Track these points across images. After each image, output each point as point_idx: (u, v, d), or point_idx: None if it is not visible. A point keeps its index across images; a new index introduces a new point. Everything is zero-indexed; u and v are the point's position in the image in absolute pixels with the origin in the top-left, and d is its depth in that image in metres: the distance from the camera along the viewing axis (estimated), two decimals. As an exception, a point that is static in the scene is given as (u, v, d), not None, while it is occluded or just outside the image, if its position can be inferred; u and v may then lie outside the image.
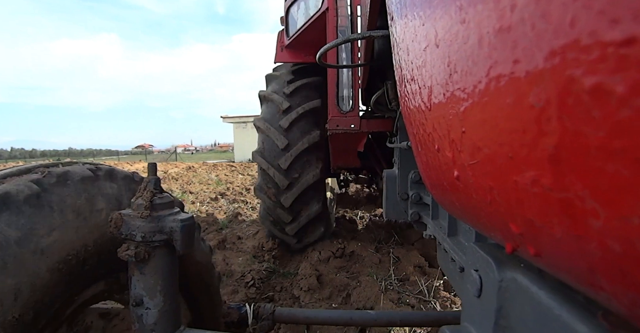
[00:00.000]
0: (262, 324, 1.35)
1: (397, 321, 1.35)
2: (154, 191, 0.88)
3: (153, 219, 0.84)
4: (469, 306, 0.54)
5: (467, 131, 0.37)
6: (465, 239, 1.04)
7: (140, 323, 0.87)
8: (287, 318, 1.39)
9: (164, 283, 0.88)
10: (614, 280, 0.23)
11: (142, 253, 0.83)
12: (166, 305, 0.88)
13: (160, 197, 0.88)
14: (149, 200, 0.85)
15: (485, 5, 0.30)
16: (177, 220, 0.85)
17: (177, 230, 0.84)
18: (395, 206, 1.80)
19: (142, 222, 0.83)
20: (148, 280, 0.86)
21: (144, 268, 0.86)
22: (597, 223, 0.23)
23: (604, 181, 0.21)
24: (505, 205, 0.33)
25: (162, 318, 0.88)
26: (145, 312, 0.87)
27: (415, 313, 1.40)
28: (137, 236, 0.83)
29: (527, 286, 0.41)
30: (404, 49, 0.58)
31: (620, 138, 0.20)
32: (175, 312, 0.92)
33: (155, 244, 0.85)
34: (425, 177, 0.63)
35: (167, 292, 0.89)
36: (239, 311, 1.36)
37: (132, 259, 0.83)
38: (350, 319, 1.36)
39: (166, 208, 0.88)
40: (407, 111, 0.62)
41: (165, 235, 0.85)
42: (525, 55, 0.26)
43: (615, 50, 0.19)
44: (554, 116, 0.24)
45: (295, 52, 3.38)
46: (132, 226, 0.83)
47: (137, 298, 0.86)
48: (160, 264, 0.87)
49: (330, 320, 1.38)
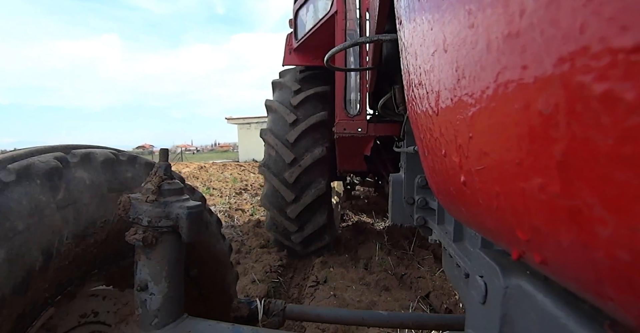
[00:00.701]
0: (272, 320, 1.34)
1: (410, 323, 1.34)
2: (163, 177, 0.87)
3: (160, 204, 0.84)
4: (474, 313, 0.53)
5: (474, 136, 0.37)
6: (471, 245, 1.03)
7: (143, 308, 0.87)
8: (297, 315, 1.38)
9: (169, 269, 0.87)
10: (622, 290, 0.23)
11: (149, 238, 0.83)
12: (171, 291, 0.88)
13: (169, 183, 0.87)
14: (157, 185, 0.85)
15: (494, 10, 0.30)
16: (184, 207, 0.84)
17: (182, 217, 0.83)
18: (401, 210, 1.79)
19: (148, 206, 0.83)
20: (154, 265, 0.86)
21: (151, 253, 0.85)
22: (605, 232, 0.22)
23: (612, 189, 0.21)
24: (512, 212, 0.33)
25: (165, 304, 0.87)
26: (150, 297, 0.86)
27: (428, 316, 1.39)
28: (143, 220, 0.82)
29: (533, 294, 0.40)
30: (412, 54, 0.58)
31: (629, 145, 0.19)
32: (179, 299, 0.91)
33: (163, 230, 0.84)
34: (431, 181, 0.63)
35: (172, 278, 0.88)
36: (249, 306, 1.35)
37: (140, 243, 0.83)
38: (362, 319, 1.35)
39: (174, 194, 0.87)
40: (414, 115, 0.62)
41: (171, 221, 0.84)
42: (534, 60, 0.26)
43: (625, 56, 0.19)
44: (562, 122, 0.24)
45: (304, 55, 3.39)
46: (139, 210, 0.83)
47: (142, 283, 0.86)
48: (167, 250, 0.87)
49: (341, 319, 1.36)
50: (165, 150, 0.92)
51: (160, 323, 0.87)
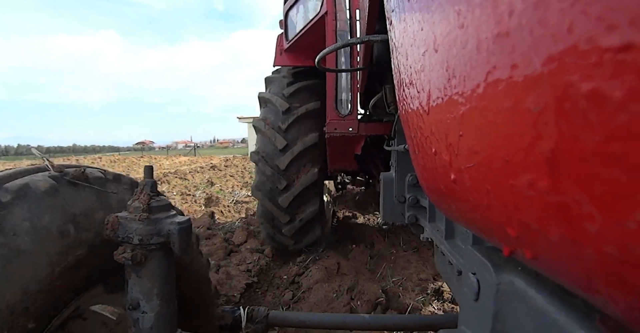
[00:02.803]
0: (255, 327, 1.35)
1: (391, 325, 1.35)
2: (150, 194, 0.87)
3: (150, 222, 0.83)
4: (467, 309, 0.54)
5: (464, 135, 0.37)
6: (463, 242, 1.04)
7: (136, 327, 0.86)
8: (280, 322, 1.39)
9: (160, 286, 0.87)
10: (611, 284, 0.23)
11: (138, 256, 0.83)
12: (163, 308, 0.88)
13: (157, 200, 0.87)
14: (146, 202, 0.84)
15: (484, 11, 0.30)
16: (175, 223, 0.84)
17: (174, 232, 0.83)
18: (392, 209, 1.80)
19: (139, 224, 0.82)
20: (145, 283, 0.85)
21: (141, 271, 0.85)
22: (593, 227, 0.23)
23: (600, 185, 0.21)
24: (502, 209, 0.33)
25: (158, 322, 0.87)
26: (142, 315, 0.86)
27: (410, 317, 1.41)
28: (134, 239, 0.82)
29: (525, 289, 0.41)
30: (402, 54, 0.58)
31: (616, 143, 0.20)
32: (171, 315, 0.91)
33: (152, 247, 0.84)
34: (422, 180, 0.63)
35: (163, 295, 0.88)
36: (232, 314, 1.36)
37: (129, 262, 0.82)
38: (344, 323, 1.36)
39: (163, 211, 0.87)
40: (405, 114, 0.63)
41: (162, 237, 0.84)
42: (523, 60, 0.26)
43: (612, 55, 0.19)
44: (551, 120, 0.24)
45: (295, 56, 3.39)
46: (129, 229, 0.82)
47: (133, 302, 0.85)
48: (157, 267, 0.86)
49: (323, 323, 1.38)
50: (150, 167, 0.92)
51: None
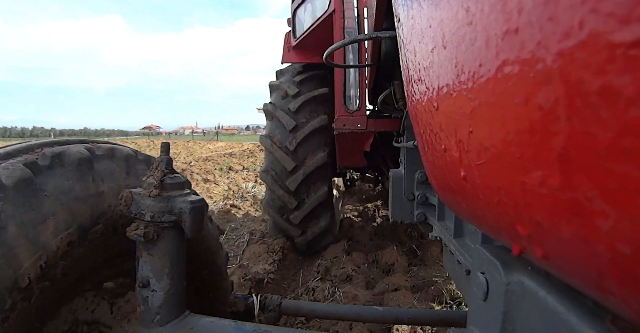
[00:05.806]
0: (268, 315, 1.34)
1: (405, 319, 1.34)
2: (165, 171, 0.86)
3: (162, 199, 0.82)
4: (476, 309, 0.54)
5: (474, 131, 0.37)
6: (472, 241, 1.03)
7: (145, 306, 0.86)
8: (293, 311, 1.38)
9: (171, 265, 0.87)
10: (624, 284, 0.23)
11: (151, 233, 0.82)
12: (172, 288, 0.87)
13: (171, 177, 0.86)
14: (159, 179, 0.83)
15: (493, 7, 0.30)
16: (187, 202, 0.83)
17: (186, 211, 0.82)
18: (401, 207, 1.79)
19: (151, 201, 0.81)
20: (156, 261, 0.85)
21: (152, 249, 0.85)
22: (606, 225, 0.22)
23: (613, 182, 0.21)
24: (513, 206, 0.33)
25: (168, 301, 0.86)
26: (152, 294, 0.85)
27: (423, 312, 1.39)
28: (146, 216, 0.81)
29: (535, 289, 0.40)
30: (411, 50, 0.58)
31: (629, 138, 0.19)
32: (181, 296, 0.91)
33: (164, 225, 0.83)
34: (431, 177, 0.63)
35: (174, 275, 0.87)
36: (245, 301, 1.35)
37: (141, 239, 0.82)
38: (358, 315, 1.35)
39: (176, 189, 0.86)
40: (414, 111, 0.62)
41: (174, 216, 0.83)
42: (533, 56, 0.26)
43: (624, 51, 0.19)
44: (562, 116, 0.24)
45: (303, 53, 3.39)
46: (141, 205, 0.82)
47: (143, 280, 0.85)
48: (168, 246, 0.86)
49: (337, 314, 1.36)
50: (167, 144, 0.90)
51: (163, 321, 0.86)
